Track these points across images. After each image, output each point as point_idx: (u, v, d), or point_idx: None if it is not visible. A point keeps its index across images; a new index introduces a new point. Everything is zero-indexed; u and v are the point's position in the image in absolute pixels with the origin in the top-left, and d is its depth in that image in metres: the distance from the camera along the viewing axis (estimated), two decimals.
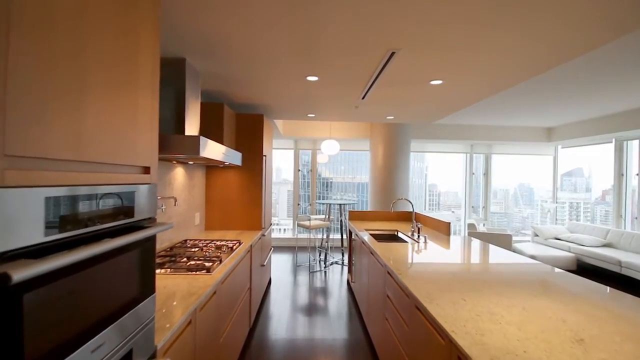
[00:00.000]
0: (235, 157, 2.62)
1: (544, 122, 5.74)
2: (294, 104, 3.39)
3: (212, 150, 1.97)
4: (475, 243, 2.87)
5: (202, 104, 2.82)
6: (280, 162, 7.18)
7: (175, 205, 2.42)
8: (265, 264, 3.39)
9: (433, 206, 9.20)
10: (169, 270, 1.84)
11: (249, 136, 3.28)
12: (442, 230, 3.27)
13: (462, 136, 6.11)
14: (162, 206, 2.23)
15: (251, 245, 2.73)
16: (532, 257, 4.97)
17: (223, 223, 3.26)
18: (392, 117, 3.92)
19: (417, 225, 2.99)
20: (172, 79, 2.09)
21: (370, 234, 3.47)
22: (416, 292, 1.56)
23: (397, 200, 3.32)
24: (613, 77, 3.24)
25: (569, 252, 5.22)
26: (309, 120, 5.75)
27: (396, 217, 4.17)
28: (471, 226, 5.69)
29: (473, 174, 6.69)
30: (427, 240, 2.85)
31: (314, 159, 6.71)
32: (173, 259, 2.03)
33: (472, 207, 6.72)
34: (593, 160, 7.44)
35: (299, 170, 6.70)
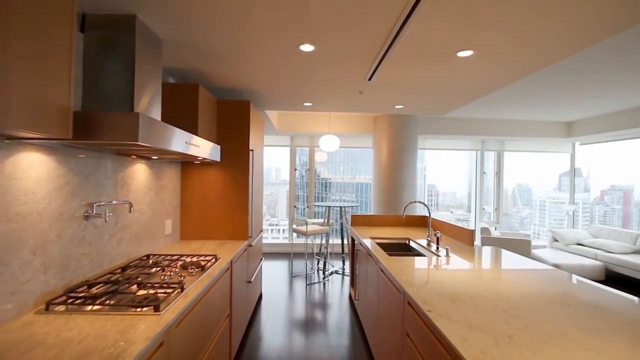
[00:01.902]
0: (209, 151, 2.08)
1: (563, 116, 5.21)
2: (286, 89, 2.85)
3: (167, 137, 1.42)
4: (506, 255, 2.34)
5: (171, 85, 2.28)
6: (279, 162, 6.68)
7: (131, 212, 1.88)
8: (252, 280, 2.85)
9: (431, 207, 8.76)
10: (103, 306, 1.30)
11: (232, 127, 2.74)
12: (464, 239, 2.74)
13: (474, 131, 5.58)
14: (107, 214, 1.68)
15: (231, 261, 2.19)
16: (556, 266, 4.45)
17: (202, 231, 2.72)
18: (401, 107, 3.38)
19: (435, 234, 2.45)
20: (115, 41, 1.54)
21: (377, 243, 2.93)
22: (463, 349, 1.02)
23: (410, 204, 2.78)
24: None
25: (596, 259, 4.70)
26: (306, 112, 5.21)
27: (405, 223, 3.64)
28: (485, 230, 5.16)
29: (485, 173, 6.16)
30: (450, 253, 2.32)
31: (312, 157, 6.17)
32: (115, 287, 1.48)
33: (484, 208, 6.19)
34: (591, 161, 7.11)
35: (295, 169, 6.16)
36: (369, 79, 2.46)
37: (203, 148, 1.92)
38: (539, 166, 7.42)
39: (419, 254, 2.57)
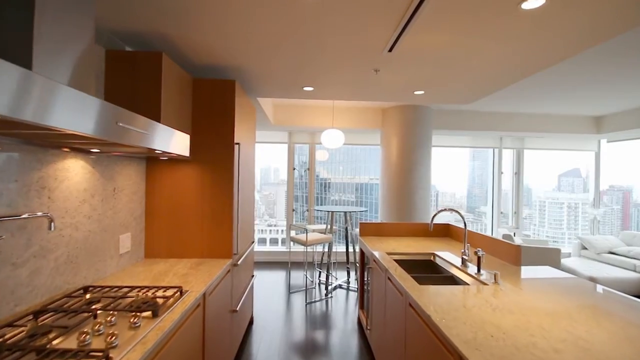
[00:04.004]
0: (169, 140, 1.49)
1: (592, 110, 4.65)
2: (282, 64, 2.26)
3: (64, 110, 0.83)
4: (573, 283, 1.76)
5: (124, 54, 1.69)
6: (278, 161, 6.13)
7: (51, 229, 1.28)
8: (238, 308, 2.26)
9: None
10: None
11: (212, 113, 2.15)
12: (506, 256, 2.16)
13: (492, 127, 5.00)
14: None
15: (204, 295, 1.59)
16: (591, 279, 3.89)
17: (173, 248, 2.13)
18: (421, 93, 2.80)
19: (476, 253, 1.87)
20: None
21: (395, 260, 2.36)
22: None
23: (440, 212, 2.20)
24: None
25: (635, 271, 4.13)
26: (306, 104, 4.63)
27: (424, 232, 3.06)
28: (507, 238, 4.59)
29: (502, 172, 5.60)
30: (499, 280, 1.73)
31: (312, 155, 5.58)
32: None
33: (502, 212, 5.63)
34: (590, 161, 6.76)
35: (294, 168, 5.57)
36: (390, 49, 1.87)
37: (155, 135, 1.33)
38: (538, 165, 7.00)
39: (454, 279, 1.99)
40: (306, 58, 2.07)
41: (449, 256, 2.29)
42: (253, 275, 2.98)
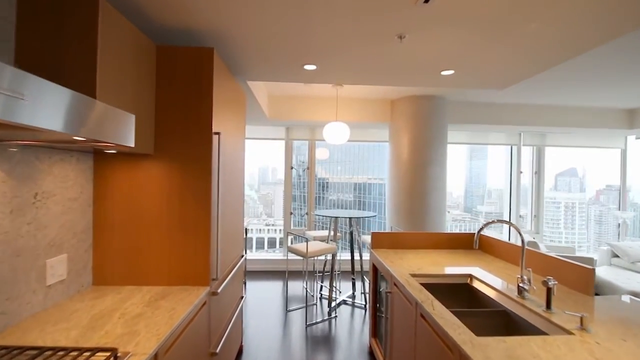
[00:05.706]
0: (72, 116, 0.96)
1: (624, 101, 4.15)
2: (279, 26, 1.73)
3: None
4: None
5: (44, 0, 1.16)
6: (276, 160, 5.60)
7: None
8: (219, 350, 1.73)
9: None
10: None
11: (183, 93, 1.62)
12: (570, 281, 1.64)
13: (510, 121, 4.49)
14: None
15: (155, 357, 1.06)
16: (634, 294, 3.39)
17: (131, 272, 1.60)
18: (450, 72, 2.27)
19: (546, 282, 1.35)
20: None
21: (422, 284, 1.85)
22: None
23: (488, 224, 1.69)
24: None
25: None
26: (305, 92, 4.09)
27: (448, 243, 2.54)
28: (532, 245, 4.08)
29: (521, 172, 5.10)
30: (588, 326, 1.21)
31: (312, 153, 5.05)
32: None
33: (521, 216, 5.13)
34: (587, 160, 6.57)
35: (292, 167, 5.04)
36: (426, 0, 1.35)
37: (43, 105, 0.79)
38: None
39: (511, 317, 1.47)
40: (312, 17, 1.55)
41: (491, 279, 1.77)
42: (242, 297, 2.45)
